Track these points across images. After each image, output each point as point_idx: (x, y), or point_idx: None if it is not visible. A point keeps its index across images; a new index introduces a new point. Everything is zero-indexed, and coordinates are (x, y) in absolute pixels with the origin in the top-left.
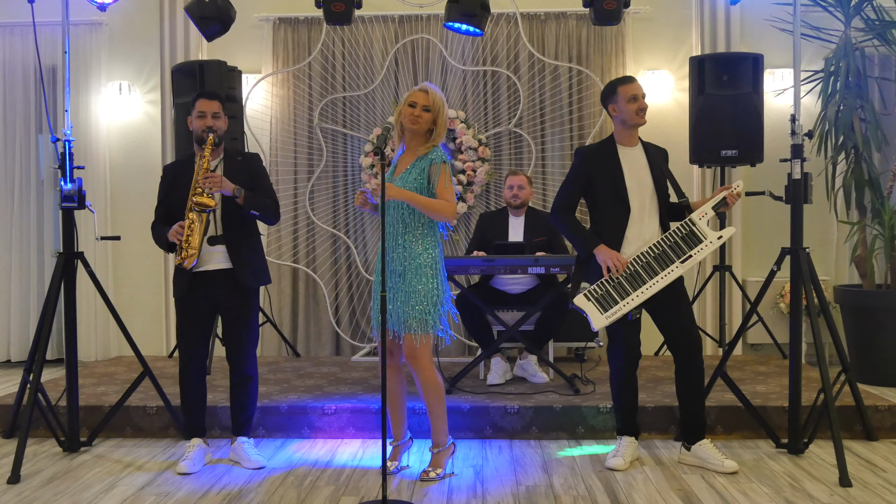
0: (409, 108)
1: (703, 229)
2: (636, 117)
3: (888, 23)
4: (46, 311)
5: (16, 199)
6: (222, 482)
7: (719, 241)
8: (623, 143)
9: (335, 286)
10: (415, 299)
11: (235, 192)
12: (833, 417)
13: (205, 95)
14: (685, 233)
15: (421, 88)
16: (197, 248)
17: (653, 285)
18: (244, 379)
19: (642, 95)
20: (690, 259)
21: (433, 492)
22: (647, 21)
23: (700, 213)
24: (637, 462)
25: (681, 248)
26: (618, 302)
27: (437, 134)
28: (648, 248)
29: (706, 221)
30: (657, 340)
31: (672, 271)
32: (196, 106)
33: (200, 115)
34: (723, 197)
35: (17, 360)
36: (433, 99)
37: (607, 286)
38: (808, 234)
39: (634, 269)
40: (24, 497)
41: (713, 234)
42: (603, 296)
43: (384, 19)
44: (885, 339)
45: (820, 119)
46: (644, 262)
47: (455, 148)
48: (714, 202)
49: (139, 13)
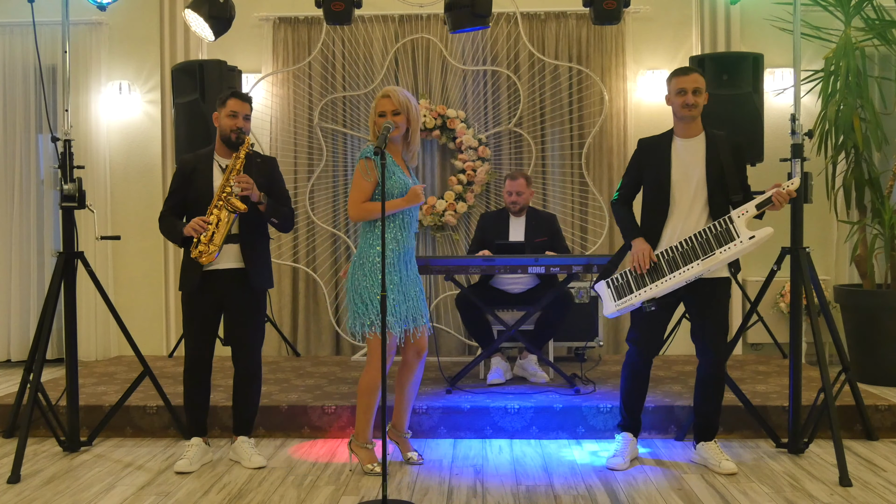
0: (380, 118)
1: (738, 227)
2: (682, 110)
3: (888, 22)
4: (46, 311)
5: (16, 199)
6: (222, 482)
7: (750, 242)
8: (680, 135)
9: (335, 286)
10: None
11: (261, 199)
12: (833, 417)
13: (238, 96)
14: (720, 230)
15: (382, 94)
16: (219, 246)
17: (669, 280)
18: (249, 378)
19: (692, 90)
20: (712, 257)
21: (433, 492)
22: (647, 21)
23: (741, 211)
24: (637, 462)
25: (710, 245)
26: (633, 291)
27: (412, 129)
28: (679, 242)
29: (745, 220)
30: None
31: (691, 268)
32: (228, 105)
33: (232, 115)
34: (769, 196)
35: (17, 359)
36: (397, 101)
37: (629, 276)
38: (808, 233)
39: (659, 263)
40: (24, 497)
41: (746, 234)
42: (622, 285)
43: (384, 19)
44: (885, 339)
45: (820, 119)
46: (670, 257)
47: (455, 147)
48: (760, 200)
49: (139, 13)
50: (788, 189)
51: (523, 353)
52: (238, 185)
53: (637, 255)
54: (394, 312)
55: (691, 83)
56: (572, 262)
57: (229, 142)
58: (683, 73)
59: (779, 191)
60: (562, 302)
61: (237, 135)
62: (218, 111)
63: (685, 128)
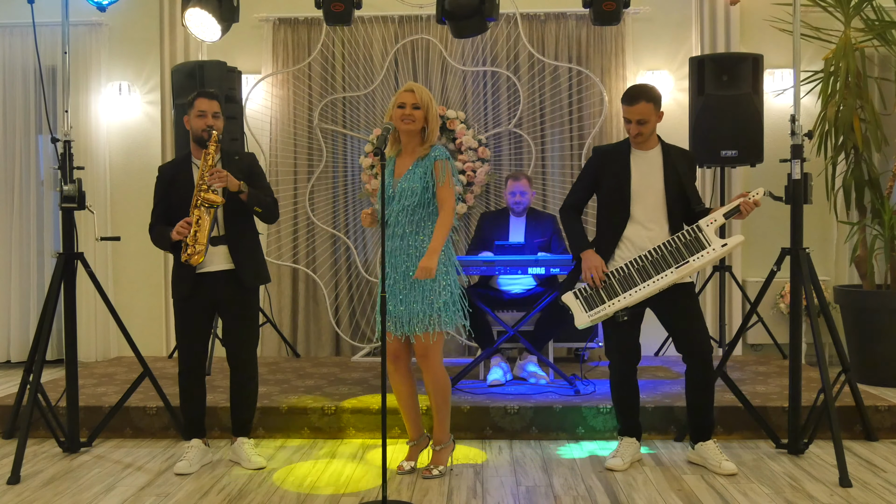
0: (399, 110)
1: (708, 236)
2: (633, 137)
3: (888, 23)
4: (46, 312)
5: (16, 200)
6: (222, 482)
7: (723, 250)
8: (636, 147)
9: (335, 286)
10: (429, 297)
11: (241, 188)
12: (833, 418)
13: (204, 95)
14: (690, 238)
15: (406, 89)
16: (205, 244)
17: (642, 289)
18: (246, 379)
19: (636, 120)
20: (687, 265)
21: (433, 492)
22: (646, 21)
23: (709, 219)
24: (637, 462)
25: (681, 254)
26: (604, 302)
27: (430, 130)
28: (648, 251)
29: (714, 228)
30: (657, 341)
31: (665, 276)
32: (195, 105)
33: (201, 115)
34: (737, 205)
35: (17, 360)
36: (420, 96)
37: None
38: (808, 234)
39: (628, 272)
40: (24, 497)
41: (717, 242)
42: (591, 295)
43: (384, 19)
44: (885, 339)
45: (820, 119)
46: (639, 266)
47: (455, 148)
48: (727, 209)
49: (139, 13)
50: (755, 198)
51: (523, 354)
52: (211, 178)
53: (588, 272)
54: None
55: (636, 114)
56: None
57: (201, 141)
58: (629, 103)
59: (745, 200)
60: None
61: (208, 133)
62: (188, 114)
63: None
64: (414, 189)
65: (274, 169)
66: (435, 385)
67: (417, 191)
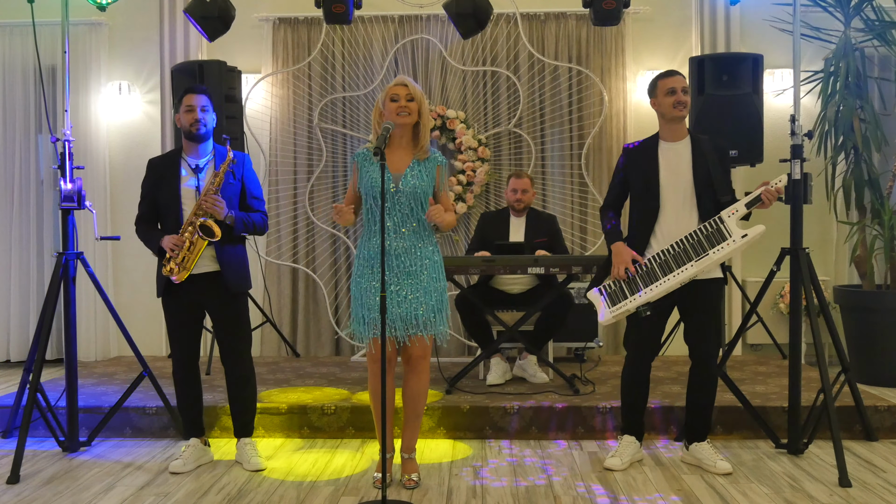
0: (392, 103)
1: (730, 227)
2: (673, 110)
3: (888, 23)
4: (46, 311)
5: (16, 199)
6: (222, 482)
7: (743, 241)
8: (666, 139)
9: (335, 286)
10: (430, 299)
11: (227, 221)
12: (833, 418)
13: (191, 90)
14: (711, 230)
15: (397, 82)
16: (190, 270)
17: (664, 283)
18: (241, 380)
19: (681, 89)
20: (706, 258)
21: (433, 492)
22: (646, 21)
23: (731, 210)
24: (637, 462)
25: (702, 246)
26: (627, 297)
27: (423, 123)
28: (672, 244)
29: (736, 219)
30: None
31: (685, 270)
32: (183, 101)
33: (189, 110)
34: (758, 194)
35: (16, 360)
36: (413, 89)
37: (621, 282)
38: (808, 234)
39: (651, 267)
40: (24, 497)
41: (738, 233)
42: (616, 291)
43: (384, 19)
44: (885, 339)
45: (820, 119)
46: (662, 260)
47: (455, 148)
48: (749, 199)
49: (139, 13)
50: (777, 186)
51: (523, 354)
52: (206, 203)
53: (616, 266)
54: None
55: (680, 83)
56: (573, 262)
57: (191, 135)
58: (670, 75)
59: (767, 189)
60: (561, 303)
61: (197, 127)
62: (178, 113)
63: (672, 131)
64: (426, 190)
65: (274, 168)
66: (424, 389)
67: (429, 192)
